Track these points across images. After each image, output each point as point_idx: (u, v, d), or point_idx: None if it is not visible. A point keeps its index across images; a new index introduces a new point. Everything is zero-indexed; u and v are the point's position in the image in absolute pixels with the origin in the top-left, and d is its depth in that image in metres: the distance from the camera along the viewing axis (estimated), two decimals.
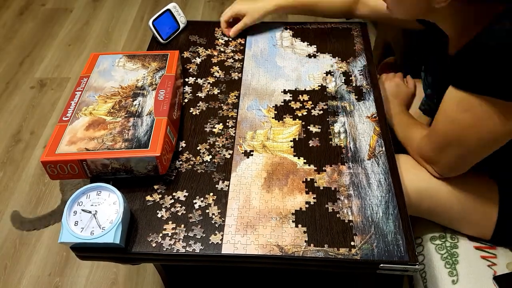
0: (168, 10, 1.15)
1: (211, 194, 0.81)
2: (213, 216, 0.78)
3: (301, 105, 0.97)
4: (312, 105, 0.97)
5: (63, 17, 2.60)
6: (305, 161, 0.85)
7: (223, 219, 0.77)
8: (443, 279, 0.91)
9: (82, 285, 1.43)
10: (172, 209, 0.79)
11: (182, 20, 1.18)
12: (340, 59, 1.08)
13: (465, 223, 0.94)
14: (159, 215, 0.78)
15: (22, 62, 2.30)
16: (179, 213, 0.78)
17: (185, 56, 1.11)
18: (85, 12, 2.64)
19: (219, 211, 0.79)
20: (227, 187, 0.82)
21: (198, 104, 0.99)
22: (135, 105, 0.88)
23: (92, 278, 1.45)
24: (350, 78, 1.03)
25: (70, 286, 1.43)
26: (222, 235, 0.75)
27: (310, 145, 0.88)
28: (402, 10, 0.84)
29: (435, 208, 0.93)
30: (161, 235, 0.75)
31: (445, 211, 0.93)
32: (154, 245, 0.74)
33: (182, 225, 0.76)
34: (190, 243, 0.74)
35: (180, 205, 0.80)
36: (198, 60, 1.10)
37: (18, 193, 1.71)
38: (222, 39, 1.17)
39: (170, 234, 0.75)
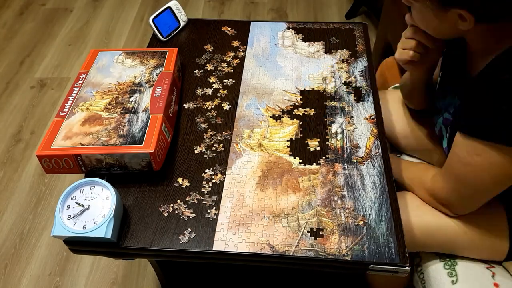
0: (169, 7, 1.22)
1: (205, 191, 0.87)
2: (206, 213, 0.83)
3: (299, 105, 1.02)
4: (310, 105, 1.02)
5: (63, 17, 2.71)
6: (300, 161, 0.90)
7: (215, 216, 0.82)
8: (442, 280, 0.95)
9: (82, 285, 1.50)
10: (165, 206, 0.84)
11: (182, 18, 1.25)
12: (341, 59, 1.13)
13: (476, 251, 0.97)
14: (152, 211, 0.84)
15: (22, 62, 2.39)
16: (172, 210, 0.84)
17: (185, 54, 1.18)
18: (85, 12, 2.75)
19: (212, 208, 0.84)
20: (221, 185, 0.87)
21: (196, 102, 1.05)
22: (132, 101, 0.94)
23: (92, 278, 1.51)
24: (350, 79, 1.08)
25: (70, 286, 1.50)
26: (214, 232, 0.80)
27: (306, 145, 0.94)
28: (433, 33, 0.88)
29: (443, 243, 0.97)
30: (153, 230, 0.81)
31: (455, 245, 0.97)
32: (146, 240, 0.79)
33: (174, 221, 0.82)
34: (181, 239, 0.79)
35: (173, 202, 0.85)
36: (199, 58, 1.16)
37: (18, 193, 1.79)
38: (223, 37, 1.23)
39: (162, 230, 0.81)
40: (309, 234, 0.79)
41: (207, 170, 0.90)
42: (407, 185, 1.04)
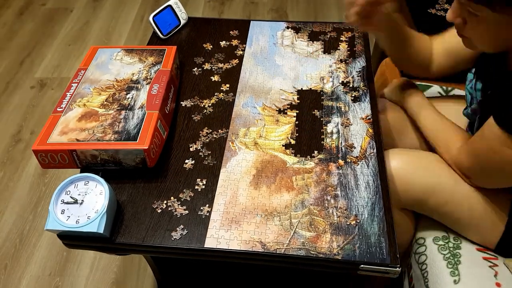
0: (169, 6, 1.27)
1: (199, 188, 0.90)
2: (199, 210, 0.86)
3: (296, 104, 1.06)
4: (307, 105, 1.05)
5: (63, 17, 2.77)
6: (295, 160, 0.93)
7: (208, 213, 0.85)
8: (445, 279, 0.98)
9: (82, 285, 1.54)
10: (159, 202, 0.88)
11: (183, 16, 1.29)
12: (339, 59, 1.17)
13: (472, 228, 1.01)
14: (145, 207, 0.87)
15: (22, 62, 2.45)
16: (165, 206, 0.87)
17: (184, 52, 1.22)
18: (85, 12, 2.81)
19: (206, 205, 0.87)
20: (215, 182, 0.91)
21: (193, 100, 1.09)
22: (128, 98, 0.98)
23: (92, 278, 1.55)
24: (348, 79, 1.11)
25: (70, 286, 1.54)
26: (206, 230, 0.83)
27: (301, 144, 0.97)
28: (490, 46, 0.89)
29: (442, 207, 1.01)
30: (146, 227, 0.84)
31: (452, 212, 1.00)
32: (138, 236, 0.82)
33: (167, 218, 0.85)
34: (173, 235, 0.82)
35: (167, 198, 0.88)
36: (198, 56, 1.20)
37: (18, 193, 1.83)
38: (223, 36, 1.27)
39: (154, 226, 0.84)
40: (300, 232, 0.81)
41: (202, 167, 0.93)
42: (429, 139, 1.08)
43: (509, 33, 0.83)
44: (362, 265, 0.78)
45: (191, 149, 0.97)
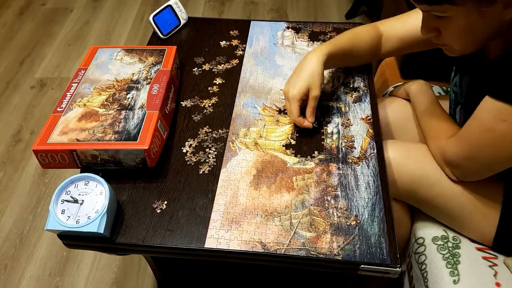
0: (169, 6, 1.27)
1: (199, 188, 0.90)
2: (199, 211, 0.86)
3: None
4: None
5: (63, 17, 2.79)
6: (295, 160, 0.94)
7: (209, 213, 0.86)
8: (444, 279, 0.99)
9: (82, 285, 1.55)
10: (159, 202, 0.88)
11: (183, 16, 1.30)
12: None
13: (465, 224, 1.01)
14: (145, 207, 0.87)
15: (22, 62, 2.46)
16: (165, 206, 0.87)
17: (184, 52, 1.22)
18: (85, 12, 2.83)
19: (206, 205, 0.87)
20: (215, 183, 0.91)
21: (193, 100, 1.09)
22: (128, 98, 0.99)
23: (92, 278, 1.56)
24: (348, 79, 1.12)
25: (70, 286, 1.55)
26: (207, 230, 0.83)
27: (302, 144, 0.97)
28: (470, 44, 0.87)
29: (432, 200, 1.01)
30: (146, 227, 0.84)
31: (443, 206, 1.01)
32: (138, 236, 0.83)
33: (167, 218, 0.85)
34: (174, 236, 0.83)
35: (167, 198, 0.89)
36: (198, 56, 1.21)
37: (18, 193, 1.84)
38: (223, 36, 1.28)
39: (154, 226, 0.84)
40: (301, 233, 0.82)
41: (202, 168, 0.94)
42: (421, 126, 1.08)
43: (481, 24, 0.81)
44: (362, 265, 0.78)
45: (191, 149, 0.97)
